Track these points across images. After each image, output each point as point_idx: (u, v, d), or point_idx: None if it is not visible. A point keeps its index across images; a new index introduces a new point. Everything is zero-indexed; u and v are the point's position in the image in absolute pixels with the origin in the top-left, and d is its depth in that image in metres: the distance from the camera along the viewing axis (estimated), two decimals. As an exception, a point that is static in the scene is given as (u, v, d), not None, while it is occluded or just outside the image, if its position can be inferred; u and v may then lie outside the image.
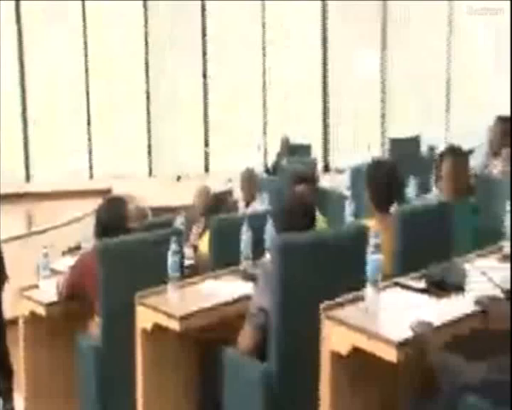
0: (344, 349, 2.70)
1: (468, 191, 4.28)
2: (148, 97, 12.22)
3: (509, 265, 3.32)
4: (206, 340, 3.42)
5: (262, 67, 12.03)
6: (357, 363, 2.73)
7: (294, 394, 2.99)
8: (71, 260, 4.22)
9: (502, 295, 2.89)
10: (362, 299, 2.90)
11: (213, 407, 3.35)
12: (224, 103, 12.18)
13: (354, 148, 10.31)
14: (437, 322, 2.66)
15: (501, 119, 6.42)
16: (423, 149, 8.68)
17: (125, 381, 3.56)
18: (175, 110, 12.18)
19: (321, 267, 3.04)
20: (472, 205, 4.43)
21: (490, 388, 2.36)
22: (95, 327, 3.79)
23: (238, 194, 6.70)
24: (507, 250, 3.60)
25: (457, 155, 4.30)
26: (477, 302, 2.84)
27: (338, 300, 2.86)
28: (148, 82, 12.26)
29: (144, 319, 3.41)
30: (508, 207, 3.67)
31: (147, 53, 12.18)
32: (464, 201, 4.26)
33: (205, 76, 12.14)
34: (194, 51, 12.13)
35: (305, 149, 9.95)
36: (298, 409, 3.01)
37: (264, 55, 12.02)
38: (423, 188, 5.74)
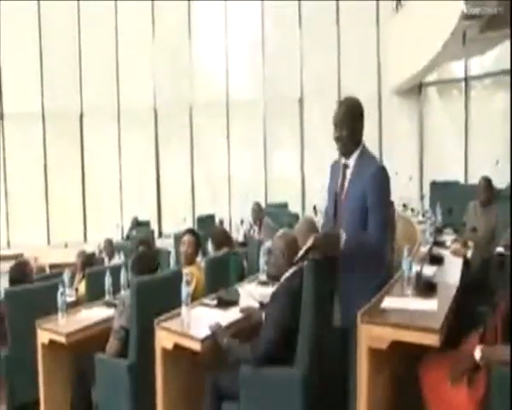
0: (169, 346, 2.67)
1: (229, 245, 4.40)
2: (46, 186, 11.03)
3: (262, 287, 3.51)
4: (85, 351, 3.12)
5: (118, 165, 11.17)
6: (179, 355, 2.69)
7: (148, 377, 2.78)
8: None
9: (258, 305, 2.98)
10: (180, 314, 2.88)
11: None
12: (99, 191, 11.22)
13: (176, 221, 10.03)
14: (224, 323, 2.70)
15: (256, 203, 6.78)
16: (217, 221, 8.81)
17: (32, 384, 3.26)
18: (68, 194, 11.07)
19: (158, 295, 2.98)
20: (240, 254, 4.64)
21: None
22: None
23: (104, 253, 6.42)
24: (261, 278, 3.70)
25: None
26: (241, 310, 2.95)
27: (167, 315, 2.81)
28: (46, 176, 11.03)
29: (43, 337, 3.18)
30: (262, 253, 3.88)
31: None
32: (235, 252, 4.46)
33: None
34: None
35: (146, 224, 9.85)
36: (149, 387, 2.77)
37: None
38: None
